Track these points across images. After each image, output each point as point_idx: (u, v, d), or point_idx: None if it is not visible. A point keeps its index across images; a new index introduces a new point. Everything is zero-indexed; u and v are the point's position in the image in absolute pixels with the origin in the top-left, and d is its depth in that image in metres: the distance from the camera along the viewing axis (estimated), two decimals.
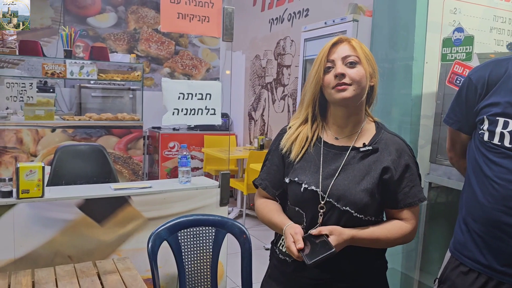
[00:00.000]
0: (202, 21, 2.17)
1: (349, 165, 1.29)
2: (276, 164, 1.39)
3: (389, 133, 1.36)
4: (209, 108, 2.26)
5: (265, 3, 5.34)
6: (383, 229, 1.30)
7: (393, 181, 1.29)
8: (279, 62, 5.08)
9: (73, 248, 2.02)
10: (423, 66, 2.47)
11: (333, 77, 1.25)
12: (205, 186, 2.34)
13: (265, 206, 1.41)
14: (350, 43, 1.29)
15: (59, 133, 3.89)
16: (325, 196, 1.26)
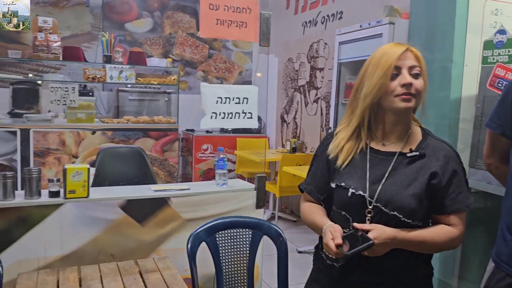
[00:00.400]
0: (240, 27, 2.22)
1: (396, 170, 1.30)
2: (320, 169, 1.41)
3: (435, 139, 1.36)
4: (246, 112, 2.30)
5: (298, 6, 5.35)
6: (429, 232, 1.29)
7: (440, 186, 1.28)
8: (312, 65, 5.08)
9: (115, 247, 2.10)
10: (462, 68, 2.43)
11: (399, 85, 1.25)
12: (241, 189, 2.38)
13: (309, 209, 1.43)
14: (413, 52, 1.29)
15: (99, 135, 4.03)
16: (373, 201, 1.27)
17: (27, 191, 1.95)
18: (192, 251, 1.89)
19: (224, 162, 2.40)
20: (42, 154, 3.83)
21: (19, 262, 1.91)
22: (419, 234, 1.27)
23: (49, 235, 1.97)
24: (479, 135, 2.26)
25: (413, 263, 1.33)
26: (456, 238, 1.32)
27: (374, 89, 1.26)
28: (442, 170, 1.29)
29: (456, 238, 1.32)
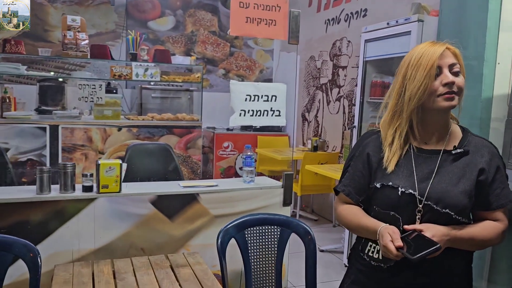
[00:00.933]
0: (269, 25, 2.22)
1: (443, 168, 1.30)
2: (360, 170, 1.39)
3: (476, 136, 1.37)
4: (274, 109, 2.31)
5: (321, 3, 5.33)
6: (478, 228, 1.30)
7: (487, 182, 1.29)
8: (334, 63, 5.06)
9: (146, 241, 2.13)
10: (494, 67, 2.39)
11: (441, 84, 1.25)
12: (269, 186, 2.38)
13: (351, 211, 1.41)
14: (451, 49, 1.29)
15: (125, 132, 4.08)
16: (423, 199, 1.27)
17: (62, 185, 1.99)
18: (222, 246, 1.90)
19: (251, 159, 2.42)
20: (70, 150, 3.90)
21: (55, 254, 1.96)
22: (470, 230, 1.28)
23: (83, 229, 2.01)
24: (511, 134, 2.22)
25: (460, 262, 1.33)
26: (502, 233, 1.32)
27: (419, 91, 1.26)
28: (488, 166, 1.29)
29: (502, 233, 1.32)
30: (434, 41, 1.32)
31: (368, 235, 1.36)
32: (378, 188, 1.33)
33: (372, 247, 1.38)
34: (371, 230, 1.31)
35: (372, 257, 1.37)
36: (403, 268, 1.29)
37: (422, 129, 1.35)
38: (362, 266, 1.41)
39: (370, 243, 1.38)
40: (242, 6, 2.16)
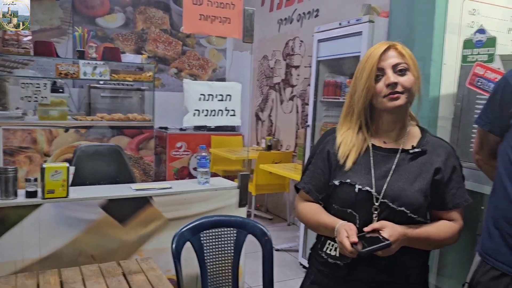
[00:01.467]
0: (223, 23, 2.18)
1: (400, 166, 1.32)
2: (320, 168, 1.40)
3: (434, 136, 1.40)
4: (229, 109, 2.27)
5: (274, 3, 5.34)
6: (434, 227, 1.32)
7: (443, 182, 1.32)
8: (287, 62, 5.09)
9: (96, 248, 2.03)
10: (440, 67, 2.48)
11: (384, 85, 1.27)
12: (224, 187, 2.35)
13: (310, 209, 1.41)
14: (397, 49, 1.31)
15: (72, 133, 3.90)
16: (379, 197, 1.28)
17: (3, 192, 1.86)
18: (177, 250, 1.85)
19: (206, 160, 2.37)
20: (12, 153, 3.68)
21: None
22: (426, 230, 1.29)
23: (27, 237, 1.88)
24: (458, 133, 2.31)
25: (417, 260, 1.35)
26: (457, 233, 1.35)
27: (363, 93, 1.29)
28: (444, 166, 1.32)
29: (457, 233, 1.35)
30: (385, 42, 1.34)
31: (327, 233, 1.36)
32: (337, 186, 1.34)
33: (330, 245, 1.38)
34: (330, 228, 1.31)
35: (330, 254, 1.37)
36: (360, 266, 1.30)
37: (377, 128, 1.37)
38: (321, 266, 1.41)
39: (329, 241, 1.39)
40: (196, 3, 2.11)
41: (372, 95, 1.30)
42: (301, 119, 4.81)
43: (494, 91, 1.45)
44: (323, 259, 1.39)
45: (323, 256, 1.40)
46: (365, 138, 1.36)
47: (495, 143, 1.48)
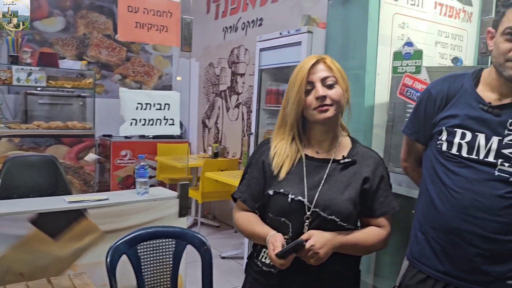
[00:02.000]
0: (160, 31, 2.16)
1: (332, 176, 1.36)
2: (256, 177, 1.42)
3: (363, 147, 1.46)
4: (167, 118, 2.25)
5: (219, 11, 5.36)
6: (362, 234, 1.37)
7: (371, 191, 1.37)
8: (233, 70, 5.11)
9: (25, 265, 1.93)
10: (374, 77, 2.58)
11: (314, 98, 1.32)
12: (163, 197, 2.31)
13: (246, 218, 1.43)
14: (326, 62, 1.36)
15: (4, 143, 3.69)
16: (311, 206, 1.31)
17: None
18: (111, 265, 1.79)
19: (145, 170, 2.32)
20: None
21: None
22: (354, 236, 1.35)
23: None
24: (390, 140, 2.41)
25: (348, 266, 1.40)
26: (385, 239, 1.41)
27: (294, 105, 1.34)
28: (372, 175, 1.38)
29: (385, 239, 1.41)
30: (314, 55, 1.39)
31: (260, 242, 1.39)
32: (271, 195, 1.37)
33: (265, 253, 1.40)
34: (262, 238, 1.34)
35: (264, 262, 1.40)
36: (293, 273, 1.33)
37: (310, 139, 1.42)
38: (256, 274, 1.43)
39: (264, 250, 1.41)
40: (131, 11, 2.07)
41: (303, 107, 1.35)
42: (247, 127, 4.84)
43: (419, 102, 1.53)
44: (258, 267, 1.42)
45: (258, 265, 1.42)
46: (298, 148, 1.40)
47: (421, 151, 1.57)
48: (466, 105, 1.37)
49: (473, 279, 1.35)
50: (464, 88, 1.39)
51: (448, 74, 1.50)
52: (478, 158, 1.33)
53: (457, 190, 1.35)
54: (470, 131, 1.34)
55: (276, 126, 1.45)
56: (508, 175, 1.30)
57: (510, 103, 1.33)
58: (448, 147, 1.38)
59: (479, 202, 1.31)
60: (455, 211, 1.35)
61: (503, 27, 1.27)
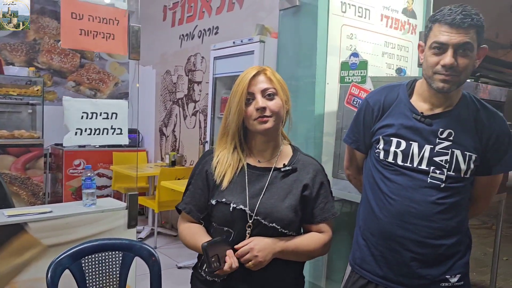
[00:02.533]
0: (107, 38, 2.12)
1: (273, 184, 1.38)
2: (200, 188, 1.43)
3: (304, 154, 1.49)
4: (115, 127, 2.20)
5: (175, 18, 5.32)
6: (303, 240, 1.40)
7: (311, 197, 1.40)
8: (190, 78, 5.08)
9: None
10: (324, 86, 2.63)
11: (255, 109, 1.34)
12: (111, 209, 2.25)
13: (189, 231, 1.43)
14: (266, 74, 1.38)
15: None
16: (253, 215, 1.33)
17: None
18: (52, 281, 1.72)
19: (92, 181, 2.26)
20: None
21: None
22: (295, 242, 1.37)
23: None
24: (340, 147, 2.46)
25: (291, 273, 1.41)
26: (327, 244, 1.44)
27: (235, 116, 1.35)
28: (312, 182, 1.40)
29: (327, 244, 1.44)
30: (256, 67, 1.41)
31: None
32: (214, 205, 1.38)
33: None
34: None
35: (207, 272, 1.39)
36: (236, 281, 1.34)
37: (252, 148, 1.44)
38: (201, 284, 1.43)
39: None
40: (75, 17, 2.02)
41: (244, 118, 1.37)
42: (204, 135, 4.81)
43: (358, 112, 1.57)
44: (202, 277, 1.42)
45: (202, 275, 1.42)
46: (240, 158, 1.41)
47: (362, 160, 1.61)
48: (401, 115, 1.42)
49: (409, 283, 1.39)
50: (399, 98, 1.44)
51: (385, 85, 1.55)
52: (412, 166, 1.38)
53: (393, 197, 1.39)
54: (404, 140, 1.39)
55: (219, 135, 1.46)
56: (439, 182, 1.35)
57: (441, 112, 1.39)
58: (385, 156, 1.43)
59: (414, 208, 1.36)
60: (392, 217, 1.39)
61: (430, 41, 1.33)
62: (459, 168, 1.35)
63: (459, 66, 1.29)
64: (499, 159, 1.40)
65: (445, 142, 1.36)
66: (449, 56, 1.27)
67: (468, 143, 1.36)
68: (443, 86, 1.31)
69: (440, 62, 1.29)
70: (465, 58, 1.29)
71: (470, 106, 1.40)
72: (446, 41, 1.28)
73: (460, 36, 1.26)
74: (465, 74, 1.32)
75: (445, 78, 1.30)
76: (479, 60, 1.35)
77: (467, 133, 1.37)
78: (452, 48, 1.28)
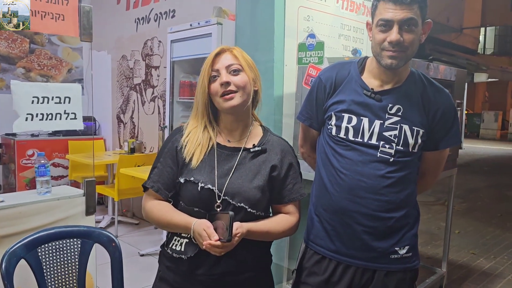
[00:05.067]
0: (56, 19, 2.04)
1: (242, 164, 1.38)
2: (170, 166, 1.40)
3: (274, 135, 1.49)
4: (68, 112, 2.12)
5: (130, 2, 5.16)
6: (272, 222, 1.41)
7: (279, 178, 1.41)
8: (147, 63, 4.97)
9: None
10: (283, 68, 2.65)
11: (219, 85, 1.33)
12: (67, 196, 2.19)
13: (161, 208, 1.40)
14: (232, 52, 1.38)
15: None
16: (221, 194, 1.33)
17: None
18: (7, 272, 1.66)
19: (46, 168, 2.18)
20: None
21: None
22: (265, 224, 1.37)
23: None
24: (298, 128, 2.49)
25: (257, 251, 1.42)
26: (294, 225, 1.45)
27: (200, 93, 1.36)
28: (281, 163, 1.41)
29: (294, 225, 1.45)
30: (225, 46, 1.41)
31: (178, 231, 1.39)
32: (182, 183, 1.37)
33: (176, 241, 1.41)
34: (183, 227, 1.34)
35: (175, 250, 1.40)
36: (202, 259, 1.35)
37: (224, 127, 1.43)
38: (168, 262, 1.43)
39: (175, 237, 1.41)
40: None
41: (211, 96, 1.36)
42: (163, 120, 4.74)
43: (311, 89, 1.59)
44: (169, 255, 1.41)
45: (169, 252, 1.41)
46: (210, 137, 1.40)
47: (315, 137, 1.63)
48: (352, 91, 1.45)
49: (361, 256, 1.44)
50: (351, 75, 1.47)
51: (337, 62, 1.58)
52: (363, 141, 1.42)
53: (344, 172, 1.43)
54: (355, 115, 1.43)
55: (192, 114, 1.45)
56: (388, 156, 1.40)
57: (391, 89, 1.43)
58: (336, 131, 1.46)
59: (364, 182, 1.40)
60: (343, 192, 1.43)
61: (376, 19, 1.36)
62: (407, 142, 1.40)
63: (405, 42, 1.33)
64: (445, 134, 1.46)
65: (394, 118, 1.40)
66: (395, 33, 1.31)
67: (415, 118, 1.41)
68: (391, 62, 1.34)
69: (387, 39, 1.32)
70: (410, 33, 1.33)
71: (418, 83, 1.45)
72: (391, 17, 1.31)
73: (404, 12, 1.30)
74: (412, 49, 1.36)
75: (392, 54, 1.34)
76: (424, 34, 1.40)
77: (415, 109, 1.41)
78: (397, 24, 1.31)
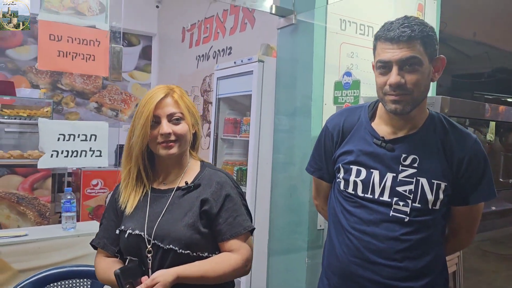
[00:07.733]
0: (87, 60, 2.09)
1: (174, 204, 1.29)
2: (113, 220, 1.36)
3: (212, 169, 1.38)
4: (94, 149, 2.14)
5: (193, 40, 5.34)
6: (210, 263, 1.25)
7: (213, 212, 1.27)
8: (205, 98, 5.05)
9: None
10: (322, 107, 2.49)
11: (159, 133, 1.27)
12: (89, 233, 2.18)
13: (102, 266, 1.34)
14: (174, 97, 1.30)
15: None
16: (151, 239, 1.24)
17: None
18: None
19: (71, 204, 2.21)
20: None
21: None
22: (199, 267, 1.23)
23: None
24: None
25: None
26: (242, 264, 1.27)
27: (139, 139, 1.27)
28: (214, 196, 1.29)
29: (241, 263, 1.27)
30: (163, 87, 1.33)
31: None
32: (117, 234, 1.31)
33: None
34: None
35: None
36: None
37: (159, 171, 1.36)
38: None
39: None
40: (53, 39, 2.00)
41: (148, 141, 1.29)
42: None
43: (319, 138, 1.43)
44: None
45: None
46: (145, 183, 1.33)
47: (328, 189, 1.45)
48: (361, 140, 1.27)
49: None
50: (360, 122, 1.29)
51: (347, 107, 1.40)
52: (373, 197, 1.21)
53: (352, 232, 1.23)
54: (365, 167, 1.24)
55: (123, 156, 1.37)
56: (403, 215, 1.18)
57: (404, 136, 1.22)
58: (345, 186, 1.27)
59: (373, 245, 1.19)
60: (351, 255, 1.23)
61: (375, 61, 1.19)
62: (425, 199, 1.18)
63: (408, 84, 1.13)
64: (475, 186, 1.21)
65: (409, 170, 1.19)
66: (394, 74, 1.12)
67: (435, 170, 1.18)
68: (396, 107, 1.15)
69: (387, 82, 1.14)
70: (413, 73, 1.13)
71: (438, 128, 1.23)
72: (389, 58, 1.13)
73: (402, 51, 1.11)
74: (419, 91, 1.16)
75: (395, 98, 1.15)
76: (437, 73, 1.19)
77: (435, 159, 1.19)
78: (396, 65, 1.13)
